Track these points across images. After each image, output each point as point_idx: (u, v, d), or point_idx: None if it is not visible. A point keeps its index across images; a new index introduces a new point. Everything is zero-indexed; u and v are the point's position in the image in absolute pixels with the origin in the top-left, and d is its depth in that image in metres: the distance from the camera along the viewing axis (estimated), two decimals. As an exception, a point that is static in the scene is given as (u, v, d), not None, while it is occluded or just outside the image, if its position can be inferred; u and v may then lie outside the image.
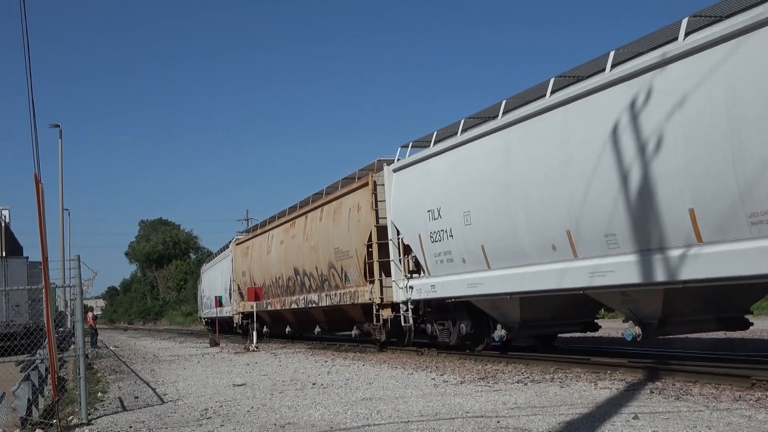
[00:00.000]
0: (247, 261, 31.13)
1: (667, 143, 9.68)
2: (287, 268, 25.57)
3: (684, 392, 9.13)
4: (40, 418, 9.46)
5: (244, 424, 8.49)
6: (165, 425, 8.77)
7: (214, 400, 10.84)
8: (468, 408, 8.77)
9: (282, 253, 26.20)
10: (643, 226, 10.26)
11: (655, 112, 9.90)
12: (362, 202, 19.01)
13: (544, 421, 7.62)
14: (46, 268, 9.44)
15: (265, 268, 28.49)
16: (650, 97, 9.98)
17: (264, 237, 29.12)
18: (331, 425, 8.11)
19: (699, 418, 7.31)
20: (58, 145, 34.68)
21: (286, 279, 25.96)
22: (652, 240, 10.20)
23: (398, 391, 10.77)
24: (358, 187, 19.47)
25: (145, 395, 12.07)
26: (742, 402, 8.25)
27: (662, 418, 7.37)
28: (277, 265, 26.73)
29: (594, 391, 9.61)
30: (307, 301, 24.01)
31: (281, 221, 27.11)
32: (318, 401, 10.06)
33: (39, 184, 8.96)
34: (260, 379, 13.68)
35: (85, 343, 10.33)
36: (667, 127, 9.68)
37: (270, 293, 28.15)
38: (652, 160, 9.91)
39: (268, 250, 28.14)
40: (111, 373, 17.52)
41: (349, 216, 19.88)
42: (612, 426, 7.14)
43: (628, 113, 10.31)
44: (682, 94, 9.49)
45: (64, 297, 34.81)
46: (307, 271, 23.54)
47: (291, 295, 25.71)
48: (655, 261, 10.21)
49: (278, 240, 26.87)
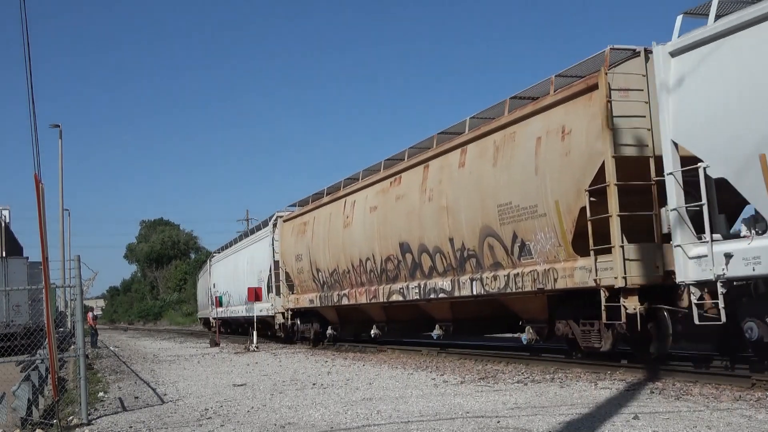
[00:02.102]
0: (305, 240, 23.76)
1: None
2: (385, 245, 18.32)
3: (684, 392, 9.13)
4: (41, 419, 9.46)
5: (244, 425, 8.49)
6: (165, 425, 8.77)
7: (214, 401, 10.84)
8: (468, 408, 8.77)
9: (375, 223, 18.81)
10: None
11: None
12: (576, 123, 11.91)
13: (545, 421, 7.62)
14: (46, 268, 9.44)
15: (339, 248, 21.09)
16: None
17: (334, 206, 21.69)
18: (331, 425, 8.11)
19: (699, 418, 7.32)
20: (58, 145, 34.68)
21: (381, 260, 18.67)
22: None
23: (398, 391, 10.77)
24: (566, 99, 12.29)
25: (145, 395, 12.07)
26: (742, 402, 8.26)
27: (662, 418, 7.37)
28: (365, 242, 19.35)
29: (594, 391, 9.61)
30: (425, 291, 16.84)
31: (370, 180, 19.47)
32: (318, 401, 10.06)
33: (39, 184, 8.96)
34: (260, 380, 13.68)
35: (85, 344, 10.32)
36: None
37: (345, 282, 21.10)
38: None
39: (346, 223, 20.62)
40: (111, 373, 17.53)
41: (539, 149, 12.68)
42: (612, 426, 7.14)
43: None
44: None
45: (64, 297, 34.83)
46: (429, 246, 16.41)
47: (389, 283, 18.52)
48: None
49: (366, 206, 19.40)
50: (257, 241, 31.40)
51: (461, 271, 15.42)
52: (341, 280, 21.28)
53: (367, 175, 20.28)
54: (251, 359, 19.54)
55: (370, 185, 19.45)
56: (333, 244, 21.55)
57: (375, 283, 19.30)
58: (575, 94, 12.05)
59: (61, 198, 35.81)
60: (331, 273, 21.72)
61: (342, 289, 21.32)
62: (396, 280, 18.24)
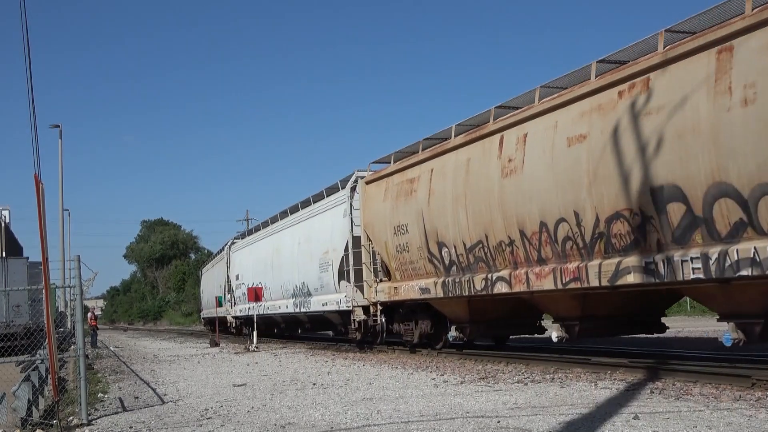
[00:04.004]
0: (413, 204, 16.95)
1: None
2: (609, 193, 11.24)
3: (684, 392, 9.14)
4: (41, 419, 9.46)
5: (244, 425, 8.49)
6: (165, 425, 8.77)
7: (214, 401, 10.84)
8: (468, 408, 8.77)
9: (582, 161, 11.71)
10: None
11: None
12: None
13: (544, 421, 7.62)
14: (46, 268, 9.43)
15: (490, 208, 14.06)
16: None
17: (476, 148, 14.76)
18: (331, 425, 8.11)
19: (699, 418, 7.32)
20: (58, 145, 34.70)
21: (595, 221, 11.56)
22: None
23: (398, 391, 10.77)
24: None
25: (145, 395, 12.07)
26: (743, 402, 8.26)
27: (662, 418, 7.37)
28: (556, 193, 12.29)
29: (594, 391, 9.62)
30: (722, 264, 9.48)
31: (563, 98, 12.45)
32: (318, 401, 10.06)
33: (39, 184, 8.95)
34: (260, 380, 13.68)
35: (85, 344, 10.32)
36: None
37: (500, 260, 14.11)
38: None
39: (507, 169, 13.56)
40: (111, 373, 17.52)
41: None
42: (612, 426, 7.14)
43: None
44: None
45: (64, 297, 34.82)
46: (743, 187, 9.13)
47: (618, 255, 11.29)
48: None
49: (558, 137, 12.32)
50: (320, 212, 23.42)
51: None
52: (492, 256, 14.27)
53: (551, 93, 13.02)
54: (251, 359, 19.54)
55: (562, 105, 12.44)
56: (476, 203, 14.52)
57: (579, 257, 12.11)
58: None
59: (61, 198, 35.90)
60: (471, 248, 14.82)
61: (493, 270, 14.28)
62: (634, 251, 11.01)
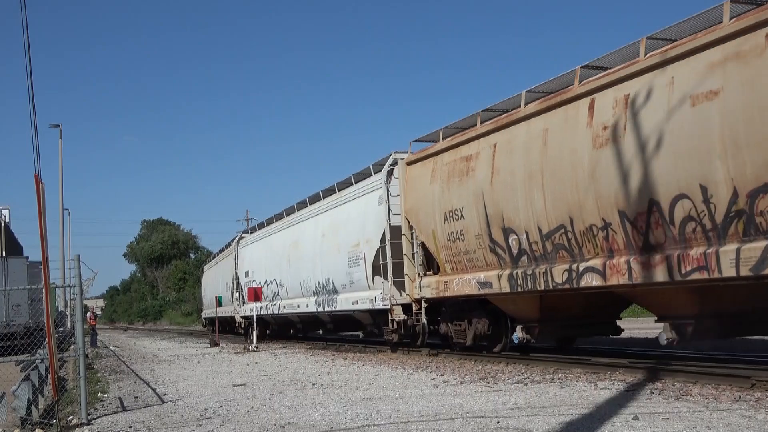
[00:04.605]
0: (469, 185, 14.68)
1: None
2: (749, 165, 9.15)
3: (684, 392, 9.13)
4: (40, 418, 9.46)
5: (244, 425, 8.49)
6: (165, 425, 8.77)
7: (214, 400, 10.84)
8: (468, 408, 8.77)
9: (694, 127, 9.80)
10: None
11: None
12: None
13: (544, 421, 7.62)
14: (46, 268, 9.43)
15: (577, 185, 11.84)
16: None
17: (554, 117, 12.47)
18: (331, 425, 8.11)
19: (699, 419, 7.32)
20: (58, 145, 34.71)
21: (721, 201, 9.55)
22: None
23: (398, 391, 10.77)
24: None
25: (145, 395, 12.07)
26: (742, 402, 8.26)
27: (662, 419, 7.37)
28: (658, 168, 10.34)
29: (594, 392, 9.61)
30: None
31: (687, 47, 10.05)
32: (318, 401, 10.06)
33: (39, 184, 8.95)
34: (260, 380, 13.68)
35: (85, 343, 10.32)
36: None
37: (589, 247, 11.90)
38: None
39: (601, 139, 11.30)
40: (111, 373, 17.52)
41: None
42: (612, 426, 7.14)
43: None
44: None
45: (64, 297, 34.82)
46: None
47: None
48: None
49: (667, 99, 10.23)
50: (349, 199, 20.88)
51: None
52: (578, 244, 12.06)
53: (659, 46, 10.80)
54: (251, 359, 19.53)
55: (680, 57, 10.13)
56: (557, 181, 12.22)
57: (705, 241, 9.89)
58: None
59: (61, 198, 35.93)
60: (548, 234, 12.59)
61: (578, 260, 12.08)
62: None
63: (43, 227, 9.06)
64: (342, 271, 20.67)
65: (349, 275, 20.30)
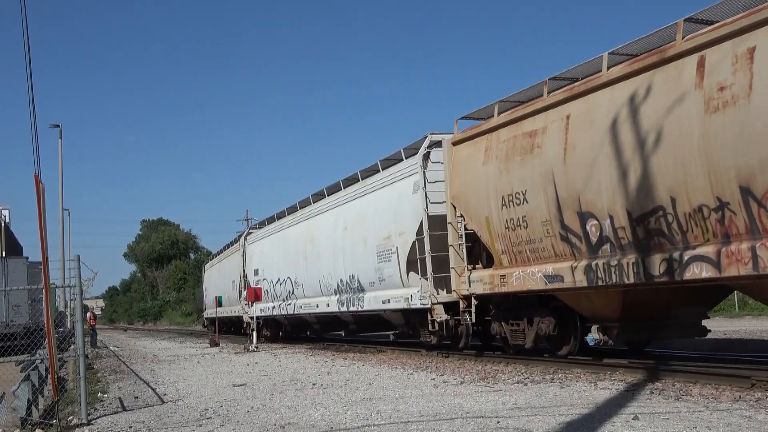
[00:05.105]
0: (533, 164, 12.87)
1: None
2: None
3: (684, 393, 9.13)
4: (40, 418, 9.46)
5: (244, 425, 8.49)
6: (165, 425, 8.77)
7: (214, 401, 10.84)
8: (468, 408, 8.77)
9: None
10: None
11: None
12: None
13: (544, 421, 7.62)
14: (46, 268, 9.43)
15: (670, 163, 10.16)
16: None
17: (645, 82, 10.70)
18: (331, 425, 8.11)
19: (699, 419, 7.32)
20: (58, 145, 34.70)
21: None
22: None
23: (398, 391, 10.77)
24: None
25: (145, 395, 12.07)
26: (742, 402, 8.26)
27: (662, 419, 7.38)
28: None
29: (594, 392, 9.61)
30: None
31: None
32: (318, 401, 10.07)
33: (39, 184, 8.95)
34: (260, 380, 13.68)
35: (85, 343, 10.33)
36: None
37: (721, 228, 9.63)
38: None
39: (716, 105, 9.47)
40: (111, 373, 17.52)
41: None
42: (612, 426, 7.14)
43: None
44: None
45: (64, 297, 34.83)
46: None
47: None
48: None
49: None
50: (377, 187, 19.10)
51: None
52: (681, 228, 10.10)
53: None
54: (251, 359, 19.53)
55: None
56: (655, 153, 10.32)
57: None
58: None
59: (61, 198, 35.89)
60: (640, 217, 10.71)
61: (682, 248, 10.14)
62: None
63: (43, 227, 9.06)
64: (370, 268, 18.90)
65: (378, 271, 18.50)
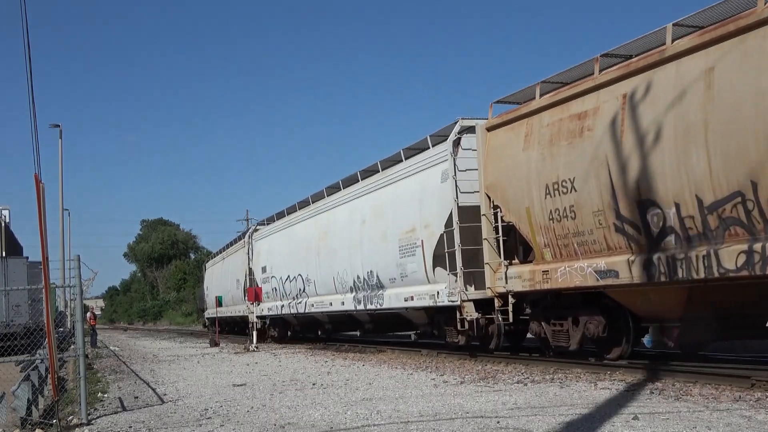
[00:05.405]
0: (588, 146, 11.78)
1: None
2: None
3: (684, 393, 9.14)
4: (40, 418, 9.46)
5: (244, 424, 8.49)
6: (165, 425, 8.77)
7: (214, 400, 10.84)
8: (468, 408, 8.77)
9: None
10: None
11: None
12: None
13: (544, 421, 7.62)
14: (46, 268, 9.43)
15: (752, 144, 9.14)
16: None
17: (719, 54, 9.62)
18: (331, 425, 8.11)
19: (699, 419, 7.32)
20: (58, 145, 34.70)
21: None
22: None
23: (398, 391, 10.77)
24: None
25: (145, 395, 12.07)
26: (742, 402, 8.27)
27: (662, 419, 7.38)
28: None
29: (594, 392, 9.62)
30: None
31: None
32: (318, 401, 10.07)
33: (39, 184, 8.96)
34: (260, 380, 13.69)
35: (85, 343, 10.33)
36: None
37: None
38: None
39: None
40: (111, 373, 17.52)
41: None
42: (612, 426, 7.14)
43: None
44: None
45: (64, 297, 34.83)
46: None
47: None
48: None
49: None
50: (400, 177, 17.89)
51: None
52: (761, 216, 9.15)
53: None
54: (251, 359, 19.53)
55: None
56: (732, 134, 9.42)
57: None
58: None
59: (61, 198, 35.86)
60: (714, 205, 9.64)
61: (763, 239, 9.15)
62: None
63: (43, 227, 9.06)
64: (391, 263, 17.73)
65: (400, 267, 17.34)
